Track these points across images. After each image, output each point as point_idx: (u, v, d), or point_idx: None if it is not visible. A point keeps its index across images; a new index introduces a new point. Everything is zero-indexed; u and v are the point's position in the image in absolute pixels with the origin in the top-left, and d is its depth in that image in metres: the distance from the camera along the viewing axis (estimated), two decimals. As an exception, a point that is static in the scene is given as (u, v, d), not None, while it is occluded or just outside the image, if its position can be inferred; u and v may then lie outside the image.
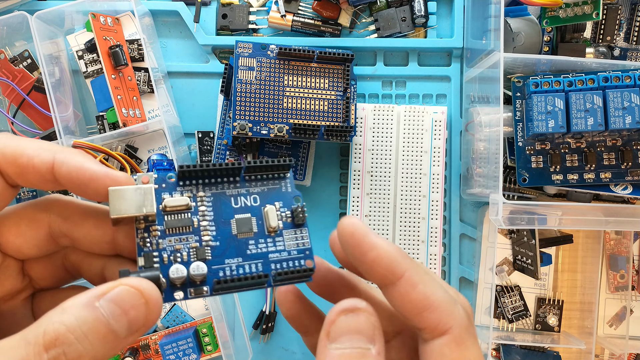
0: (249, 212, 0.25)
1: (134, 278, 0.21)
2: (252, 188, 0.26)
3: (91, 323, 0.19)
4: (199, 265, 0.24)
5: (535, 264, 0.55)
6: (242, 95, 0.49)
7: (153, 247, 0.24)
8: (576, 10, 0.48)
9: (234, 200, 0.25)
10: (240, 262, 0.24)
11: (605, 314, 0.57)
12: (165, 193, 0.25)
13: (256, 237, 0.25)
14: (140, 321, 0.20)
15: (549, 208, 0.48)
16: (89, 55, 0.54)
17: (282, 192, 0.26)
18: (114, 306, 0.20)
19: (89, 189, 0.23)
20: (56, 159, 0.22)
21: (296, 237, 0.26)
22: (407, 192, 0.54)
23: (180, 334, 0.55)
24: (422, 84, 0.58)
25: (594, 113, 0.44)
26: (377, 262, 0.22)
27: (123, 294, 0.20)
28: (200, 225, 0.24)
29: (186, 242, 0.24)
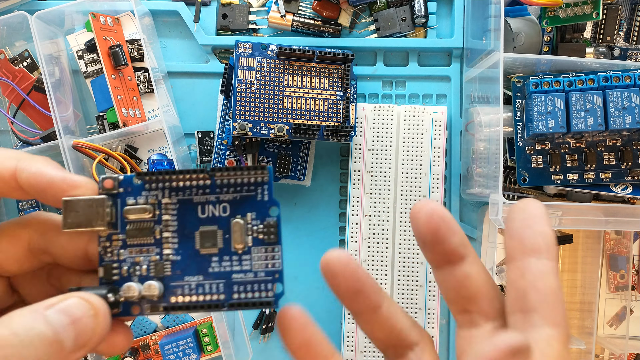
0: (216, 223, 0.23)
1: (85, 292, 0.21)
2: (223, 195, 0.23)
3: (37, 329, 0.19)
4: (150, 285, 0.22)
5: (535, 264, 0.55)
6: (242, 95, 0.50)
7: (114, 257, 0.23)
8: (576, 10, 0.48)
9: (200, 209, 0.23)
10: (200, 280, 0.22)
11: (605, 314, 0.57)
12: (130, 197, 0.23)
13: (221, 254, 0.22)
14: (87, 333, 0.20)
15: (549, 208, 0.48)
16: (89, 55, 0.54)
17: (257, 200, 0.23)
18: (62, 316, 0.20)
19: (48, 195, 0.22)
20: (18, 166, 0.22)
21: (266, 255, 0.23)
22: (407, 192, 0.54)
23: (180, 334, 0.55)
24: (422, 84, 0.58)
25: (594, 113, 0.44)
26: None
27: (72, 304, 0.20)
28: (162, 237, 0.23)
29: (147, 254, 0.23)
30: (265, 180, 0.23)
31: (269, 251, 0.23)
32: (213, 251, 0.22)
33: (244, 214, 0.23)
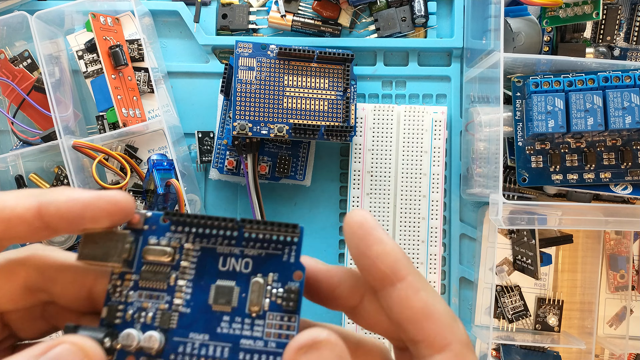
0: (234, 278, 0.21)
1: (80, 337, 0.19)
2: (248, 249, 0.21)
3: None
4: (151, 337, 0.20)
5: (535, 264, 0.55)
6: (242, 95, 0.49)
7: (122, 298, 0.21)
8: (576, 10, 0.48)
9: (222, 260, 0.21)
10: (205, 340, 0.20)
11: (605, 314, 0.57)
12: (152, 237, 0.21)
13: (233, 314, 0.21)
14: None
15: (549, 208, 0.48)
16: (89, 55, 0.54)
17: (283, 261, 0.21)
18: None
19: (85, 219, 0.21)
20: (41, 201, 0.21)
21: (281, 324, 0.21)
22: (407, 192, 0.54)
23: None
24: (422, 84, 0.58)
25: (594, 113, 0.44)
26: (382, 258, 0.20)
27: (65, 352, 0.19)
28: (176, 284, 0.21)
29: (156, 300, 0.21)
30: (295, 240, 0.21)
31: (285, 320, 0.21)
32: (226, 309, 0.21)
33: (265, 273, 0.21)
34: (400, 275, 0.20)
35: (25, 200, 0.21)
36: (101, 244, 0.21)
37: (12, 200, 0.21)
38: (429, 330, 0.20)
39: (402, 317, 0.20)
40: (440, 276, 0.54)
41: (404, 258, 0.21)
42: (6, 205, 0.21)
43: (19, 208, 0.20)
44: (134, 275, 0.21)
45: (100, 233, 0.21)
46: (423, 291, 0.20)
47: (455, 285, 0.57)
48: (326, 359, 0.19)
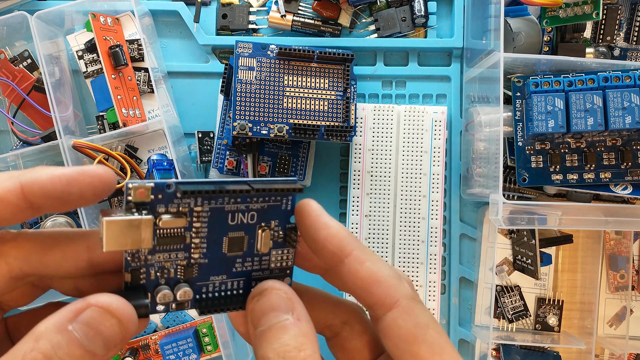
0: (243, 229, 0.24)
1: (104, 296, 0.20)
2: (252, 204, 0.24)
3: (66, 347, 0.19)
4: (185, 291, 0.23)
5: (535, 264, 0.55)
6: (242, 95, 0.49)
7: (141, 262, 0.22)
8: (576, 10, 0.48)
9: (231, 216, 0.24)
10: (224, 279, 0.24)
11: (605, 314, 0.57)
12: (161, 205, 0.22)
13: (244, 256, 0.24)
14: (116, 338, 0.20)
15: (549, 208, 0.48)
16: (89, 55, 0.54)
17: (282, 209, 0.24)
18: (86, 328, 0.19)
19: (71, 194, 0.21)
20: (23, 181, 0.21)
21: (282, 256, 0.25)
22: (407, 192, 0.54)
23: (180, 334, 0.54)
24: (422, 84, 0.58)
25: (594, 113, 0.44)
26: (329, 240, 0.23)
27: (94, 315, 0.20)
28: (192, 242, 0.23)
29: (175, 258, 0.23)
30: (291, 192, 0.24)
31: (285, 252, 0.25)
32: (238, 253, 0.24)
33: (268, 221, 0.24)
34: (347, 252, 0.23)
35: (6, 182, 0.21)
36: (126, 232, 0.21)
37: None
38: (378, 293, 0.23)
39: (354, 287, 0.23)
40: (440, 276, 0.54)
41: (348, 236, 0.23)
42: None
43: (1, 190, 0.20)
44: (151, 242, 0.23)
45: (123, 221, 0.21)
46: (368, 261, 0.23)
47: (455, 285, 0.57)
48: (272, 300, 0.22)
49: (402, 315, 0.23)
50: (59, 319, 0.19)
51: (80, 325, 0.19)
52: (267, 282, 0.23)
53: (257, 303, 0.23)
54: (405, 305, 0.23)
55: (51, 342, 0.19)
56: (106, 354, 0.20)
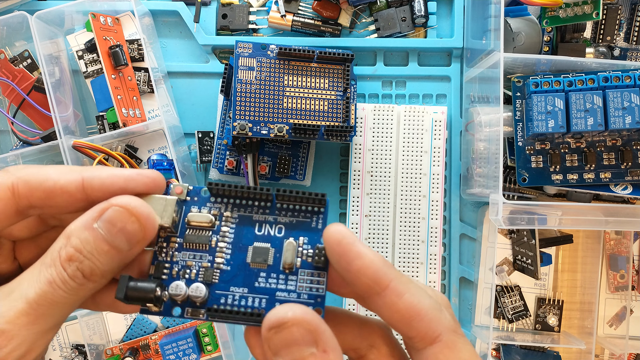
0: (269, 241, 0.24)
1: (124, 197, 0.22)
2: (280, 217, 0.24)
3: (93, 242, 0.22)
4: (198, 287, 0.23)
5: (535, 264, 0.55)
6: (242, 95, 0.49)
7: (167, 257, 0.24)
8: (576, 10, 0.48)
9: (258, 226, 0.24)
10: (245, 292, 0.23)
11: (605, 314, 0.57)
12: (194, 206, 0.24)
13: (269, 270, 0.23)
14: (138, 234, 0.22)
15: (549, 208, 0.48)
16: (89, 55, 0.54)
17: (312, 227, 0.24)
18: (109, 225, 0.22)
19: (127, 192, 0.23)
20: (84, 176, 0.23)
21: (311, 279, 0.23)
22: (407, 192, 0.54)
23: (180, 334, 0.54)
24: (422, 84, 0.58)
25: (594, 113, 0.44)
26: (363, 271, 0.21)
27: (115, 214, 0.22)
28: (217, 246, 0.24)
29: (199, 259, 0.24)
30: (322, 210, 0.24)
31: (315, 275, 0.23)
32: (262, 266, 0.24)
33: (297, 237, 0.24)
34: (383, 285, 0.22)
35: (69, 175, 0.23)
36: (152, 205, 0.23)
37: (55, 174, 0.23)
38: (418, 327, 0.22)
39: (392, 320, 0.22)
40: (440, 276, 0.54)
41: (384, 266, 0.22)
42: (49, 177, 0.23)
43: (62, 180, 0.23)
44: (178, 239, 0.24)
45: (151, 197, 0.24)
46: (407, 293, 0.22)
47: (455, 285, 0.57)
48: (294, 334, 0.21)
49: (443, 351, 0.22)
50: (86, 218, 0.22)
51: (104, 223, 0.22)
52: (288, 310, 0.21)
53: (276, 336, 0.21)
54: (447, 340, 0.22)
55: (80, 239, 0.22)
56: (131, 249, 0.22)
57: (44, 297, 0.21)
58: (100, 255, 0.22)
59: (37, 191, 0.23)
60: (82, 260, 0.22)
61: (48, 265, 0.22)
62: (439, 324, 0.22)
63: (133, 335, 0.56)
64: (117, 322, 0.56)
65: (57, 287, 0.21)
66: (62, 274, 0.21)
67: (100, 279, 0.22)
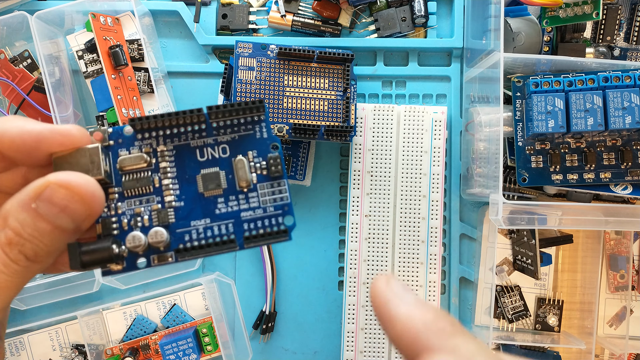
0: (217, 165, 0.22)
1: (63, 174, 0.20)
2: (220, 137, 0.22)
3: (33, 224, 0.20)
4: (157, 231, 0.21)
5: (535, 264, 0.55)
6: (242, 95, 0.49)
7: (111, 211, 0.22)
8: (576, 10, 0.48)
9: (199, 152, 0.22)
10: (208, 223, 0.22)
11: (605, 314, 0.57)
12: (122, 149, 0.22)
13: (226, 194, 0.22)
14: (82, 212, 0.20)
15: (549, 208, 0.48)
16: (89, 55, 0.54)
17: (257, 138, 0.22)
18: (49, 206, 0.20)
19: (39, 152, 0.21)
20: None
21: (273, 191, 0.22)
22: (407, 192, 0.54)
23: (180, 334, 0.54)
24: (422, 84, 0.58)
25: (594, 113, 0.44)
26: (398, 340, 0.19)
27: (54, 193, 0.20)
28: (162, 185, 0.22)
29: (147, 204, 0.22)
30: (262, 118, 0.22)
31: (275, 186, 0.22)
32: (217, 192, 0.22)
33: (244, 153, 0.22)
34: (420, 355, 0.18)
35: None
36: (75, 162, 0.21)
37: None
38: None
39: None
40: (440, 276, 0.54)
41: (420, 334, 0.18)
42: None
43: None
44: (116, 188, 0.22)
45: (69, 154, 0.21)
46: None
47: (455, 285, 0.57)
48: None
49: None
50: (22, 197, 0.20)
51: (43, 203, 0.20)
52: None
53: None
54: None
55: (18, 220, 0.19)
56: (78, 227, 0.20)
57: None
58: (43, 237, 0.20)
59: None
60: (23, 244, 0.20)
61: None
62: None
63: (133, 335, 0.56)
64: (117, 322, 0.56)
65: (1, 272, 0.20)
66: (3, 257, 0.20)
67: (46, 258, 0.20)
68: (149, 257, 0.21)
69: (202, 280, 0.55)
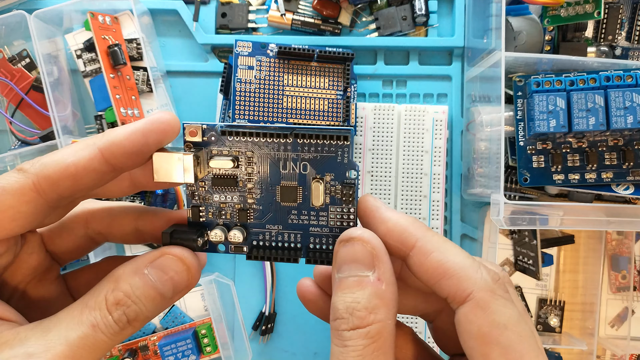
0: (295, 179, 0.24)
1: (177, 248, 0.23)
2: (303, 154, 0.24)
3: (142, 288, 0.22)
4: (235, 234, 0.24)
5: (536, 264, 0.54)
6: (242, 94, 0.49)
7: (200, 200, 0.24)
8: (577, 9, 0.48)
9: (282, 164, 0.24)
10: (280, 229, 0.24)
11: (607, 314, 0.57)
12: (214, 147, 0.24)
13: (299, 208, 0.24)
14: (183, 284, 0.23)
15: (550, 208, 0.47)
16: (88, 54, 0.54)
17: (337, 162, 0.24)
18: (160, 272, 0.22)
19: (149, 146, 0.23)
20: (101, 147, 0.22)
21: (342, 214, 0.24)
22: (408, 192, 0.53)
23: (179, 335, 0.54)
24: (422, 83, 0.58)
25: (596, 113, 0.44)
26: (389, 235, 0.22)
27: (167, 261, 0.23)
28: (246, 187, 0.24)
29: (231, 201, 0.24)
30: (346, 144, 0.24)
31: (344, 210, 0.24)
32: (292, 204, 0.24)
33: (322, 173, 0.24)
34: (409, 244, 0.22)
35: (85, 151, 0.22)
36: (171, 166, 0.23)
37: (71, 156, 0.22)
38: (448, 287, 0.21)
39: (423, 280, 0.22)
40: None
41: (410, 226, 0.22)
42: (68, 162, 0.22)
43: (81, 161, 0.22)
44: (206, 182, 0.24)
45: (169, 156, 0.23)
46: (435, 252, 0.22)
47: (456, 286, 0.57)
48: (357, 252, 0.22)
49: (473, 310, 0.21)
50: (137, 264, 0.22)
51: (155, 269, 0.22)
52: (357, 229, 0.23)
53: (342, 249, 0.23)
54: (479, 299, 0.21)
55: (130, 284, 0.22)
56: (172, 298, 0.23)
57: (85, 340, 0.21)
58: (147, 301, 0.22)
59: (61, 182, 0.22)
60: (129, 305, 0.22)
61: (92, 308, 0.21)
62: (470, 282, 0.21)
63: (132, 336, 0.55)
64: (116, 322, 0.56)
65: (100, 331, 0.21)
66: (106, 317, 0.21)
67: (140, 324, 0.22)
68: (228, 245, 0.25)
69: (201, 281, 0.54)
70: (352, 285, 0.22)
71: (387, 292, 0.21)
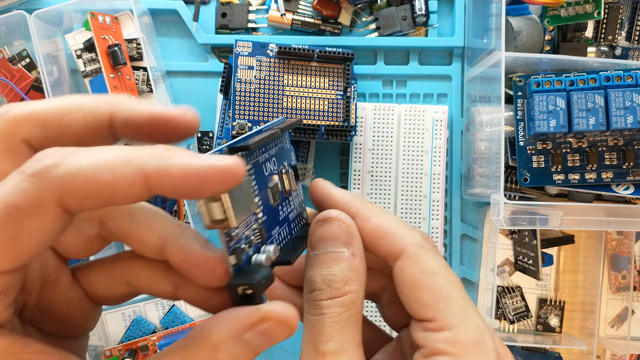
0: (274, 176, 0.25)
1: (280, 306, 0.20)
2: (271, 150, 0.24)
3: (243, 356, 0.20)
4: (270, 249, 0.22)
5: (536, 264, 0.54)
6: (242, 94, 0.49)
7: (234, 240, 0.21)
8: (577, 9, 0.48)
9: (265, 167, 0.24)
10: (279, 230, 0.25)
11: (607, 314, 0.57)
12: None
13: (282, 202, 0.25)
14: (281, 340, 0.21)
15: (550, 208, 0.47)
16: (88, 54, 0.54)
17: (285, 148, 0.26)
18: (263, 338, 0.20)
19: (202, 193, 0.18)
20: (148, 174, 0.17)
21: (297, 197, 0.26)
22: (408, 192, 0.53)
23: (179, 335, 0.54)
24: (422, 83, 0.58)
25: (596, 113, 0.44)
26: (336, 206, 0.25)
27: (274, 328, 0.20)
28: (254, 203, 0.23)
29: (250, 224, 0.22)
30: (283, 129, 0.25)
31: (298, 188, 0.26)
32: (279, 202, 0.25)
33: (282, 163, 0.25)
34: (352, 212, 0.25)
35: (126, 171, 0.17)
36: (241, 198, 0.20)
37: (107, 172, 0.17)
38: (384, 245, 0.24)
39: (365, 244, 0.25)
40: (441, 277, 0.53)
41: (353, 199, 0.25)
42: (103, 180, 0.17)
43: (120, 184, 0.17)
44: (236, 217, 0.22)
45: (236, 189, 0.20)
46: (374, 217, 0.25)
47: (456, 286, 0.56)
48: (334, 230, 0.24)
49: (406, 262, 0.23)
50: (235, 329, 0.20)
51: (258, 335, 0.20)
52: (333, 211, 0.24)
53: (319, 228, 0.24)
54: (412, 252, 0.23)
55: (230, 353, 0.19)
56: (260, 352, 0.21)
57: None
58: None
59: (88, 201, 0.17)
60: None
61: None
62: (403, 240, 0.24)
63: (132, 336, 0.55)
64: (115, 323, 0.56)
65: None
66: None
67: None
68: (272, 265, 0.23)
69: (201, 281, 0.54)
70: (329, 260, 0.23)
71: (359, 266, 0.24)
